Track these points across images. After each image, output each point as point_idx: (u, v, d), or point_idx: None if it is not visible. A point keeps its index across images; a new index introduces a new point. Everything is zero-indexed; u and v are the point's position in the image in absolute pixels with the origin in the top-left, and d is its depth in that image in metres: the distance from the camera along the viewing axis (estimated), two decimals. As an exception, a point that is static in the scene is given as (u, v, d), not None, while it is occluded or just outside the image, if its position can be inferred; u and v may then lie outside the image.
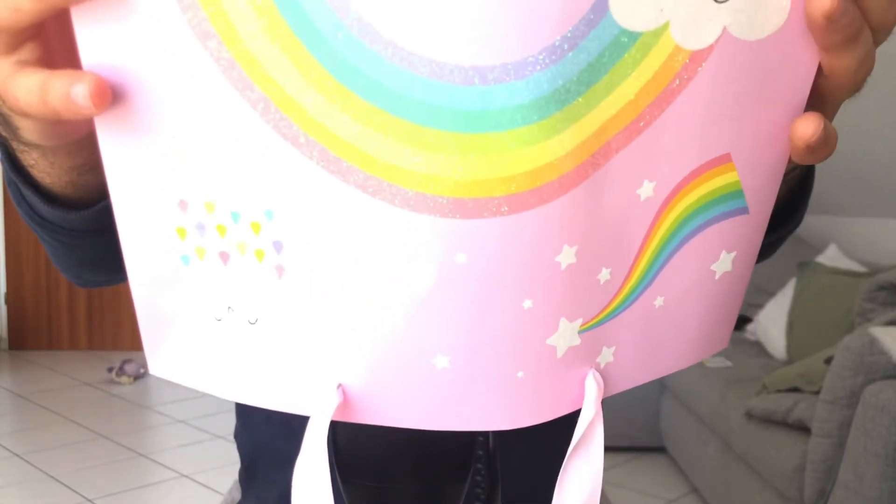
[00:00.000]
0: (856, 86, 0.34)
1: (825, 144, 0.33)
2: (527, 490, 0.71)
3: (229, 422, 3.48)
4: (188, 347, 0.33)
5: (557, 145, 0.28)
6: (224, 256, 0.31)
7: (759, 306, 3.15)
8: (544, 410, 0.33)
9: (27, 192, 0.45)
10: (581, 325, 0.32)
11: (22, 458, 3.12)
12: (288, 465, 0.75)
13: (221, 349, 0.33)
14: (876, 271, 2.62)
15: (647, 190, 0.31)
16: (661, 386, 3.05)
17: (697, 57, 0.29)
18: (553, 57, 0.26)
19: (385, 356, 0.31)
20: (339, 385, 0.32)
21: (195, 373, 0.33)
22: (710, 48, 0.29)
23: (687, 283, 0.35)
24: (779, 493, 2.09)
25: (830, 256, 3.06)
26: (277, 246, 0.30)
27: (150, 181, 0.30)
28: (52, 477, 2.94)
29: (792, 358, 2.71)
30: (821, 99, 0.35)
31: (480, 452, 0.45)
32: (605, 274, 0.32)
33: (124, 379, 4.19)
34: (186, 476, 2.95)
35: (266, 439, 0.71)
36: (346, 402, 0.32)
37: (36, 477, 2.94)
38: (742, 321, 3.29)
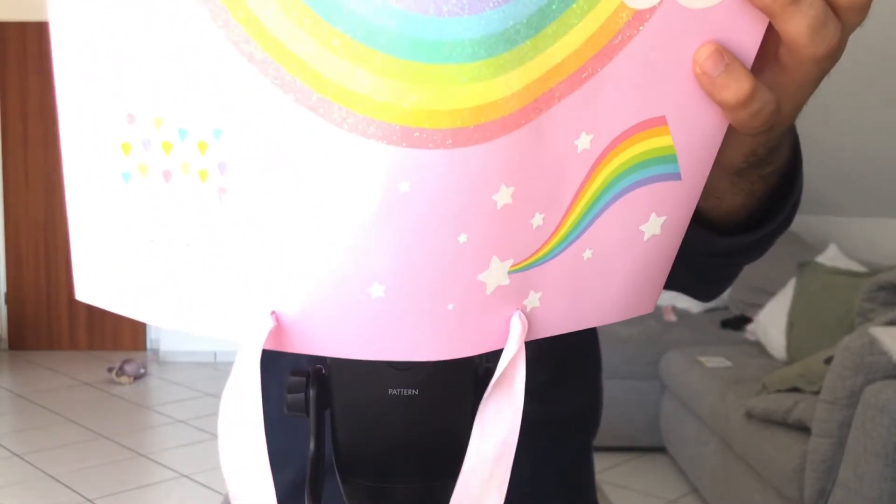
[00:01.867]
0: (815, 59, 0.33)
1: (748, 102, 0.33)
2: (523, 488, 0.71)
3: (229, 422, 3.48)
4: (119, 271, 0.33)
5: (503, 85, 0.29)
6: (166, 175, 0.31)
7: (759, 306, 3.15)
8: (470, 345, 0.34)
9: None
10: (511, 266, 0.33)
11: (22, 458, 3.12)
12: (287, 465, 0.76)
13: (154, 273, 0.32)
14: (876, 271, 2.63)
15: (584, 142, 0.32)
16: (661, 386, 3.06)
17: (640, 16, 0.30)
18: None
19: (321, 283, 0.31)
20: (273, 312, 0.32)
21: (124, 298, 0.33)
22: (653, 9, 0.30)
23: (615, 240, 0.35)
24: (779, 493, 2.09)
25: (830, 256, 3.06)
26: (222, 167, 0.30)
27: (100, 92, 0.30)
28: (52, 477, 2.94)
29: (792, 358, 2.71)
30: (784, 72, 0.35)
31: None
32: (538, 219, 0.33)
33: (124, 379, 4.19)
34: (186, 476, 2.95)
35: (268, 441, 0.71)
36: (279, 329, 0.32)
37: (36, 477, 2.94)
38: (742, 321, 3.30)
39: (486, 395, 0.34)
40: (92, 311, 4.94)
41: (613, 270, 0.36)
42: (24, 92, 4.87)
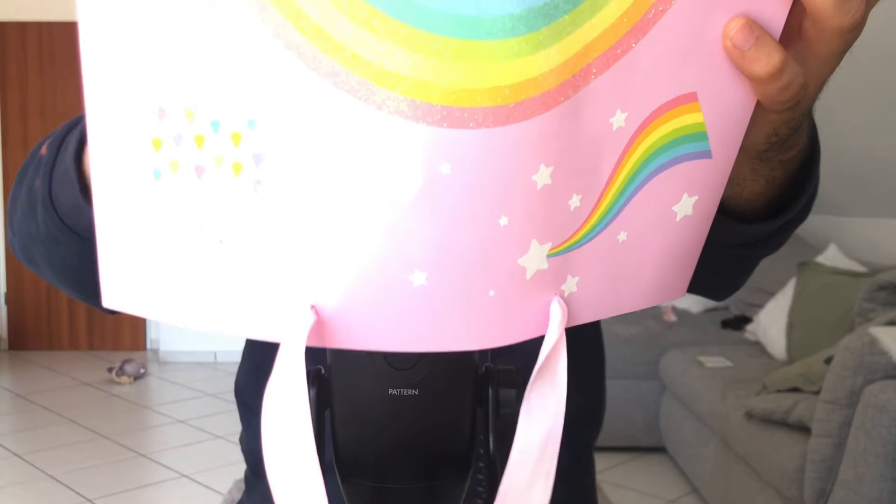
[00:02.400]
0: (840, 31, 0.33)
1: (779, 75, 0.33)
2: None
3: (229, 422, 3.48)
4: (149, 274, 0.32)
5: (543, 60, 0.28)
6: (199, 170, 0.30)
7: (759, 306, 3.15)
8: (510, 333, 0.33)
9: (73, 194, 0.45)
10: (550, 250, 0.33)
11: (22, 458, 3.12)
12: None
13: (186, 273, 0.31)
14: (876, 271, 2.62)
15: (619, 120, 0.32)
16: (661, 386, 3.06)
17: None
18: None
19: (362, 274, 0.30)
20: (313, 306, 0.31)
21: (154, 302, 0.32)
22: None
23: (649, 222, 0.35)
24: (779, 493, 2.09)
25: (830, 256, 3.06)
26: (257, 158, 0.29)
27: (129, 87, 0.29)
28: (52, 477, 2.94)
29: (792, 358, 2.71)
30: (808, 46, 0.35)
31: (481, 451, 0.45)
32: (575, 200, 0.32)
33: (124, 379, 4.19)
34: (186, 476, 2.95)
35: None
36: (319, 324, 0.31)
37: (36, 477, 2.94)
38: (742, 321, 3.30)
39: (530, 384, 0.33)
40: (92, 311, 4.93)
41: (647, 253, 0.36)
42: (24, 92, 4.87)
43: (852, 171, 3.16)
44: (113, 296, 0.33)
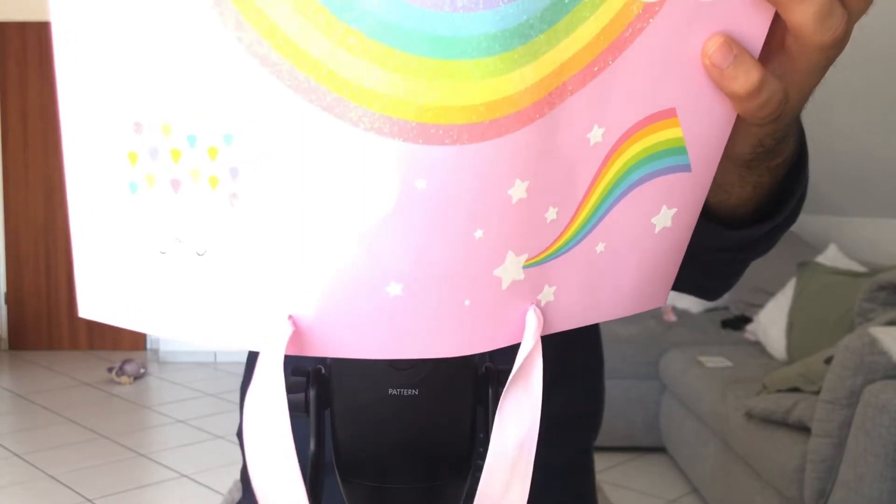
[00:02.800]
0: (822, 47, 0.34)
1: (757, 92, 0.33)
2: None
3: (229, 422, 3.48)
4: (126, 285, 0.32)
5: (518, 79, 0.29)
6: (175, 184, 0.30)
7: (759, 306, 3.15)
8: (487, 340, 0.34)
9: None
10: (526, 261, 0.33)
11: (22, 458, 3.12)
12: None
13: (165, 285, 0.32)
14: (876, 271, 2.63)
15: (596, 135, 0.32)
16: (661, 386, 3.06)
17: (649, 9, 0.30)
18: None
19: (339, 285, 0.31)
20: (291, 317, 0.32)
21: (131, 312, 0.33)
22: (662, 2, 0.31)
23: (627, 233, 0.36)
24: (779, 493, 2.09)
25: (830, 256, 3.06)
26: (234, 172, 0.29)
27: (105, 101, 0.29)
28: (52, 477, 2.94)
29: (792, 358, 2.71)
30: (791, 60, 0.35)
31: (481, 450, 0.45)
32: (552, 213, 0.33)
33: (124, 379, 4.19)
34: (186, 476, 2.95)
35: None
36: (297, 334, 0.32)
37: (36, 477, 2.94)
38: (742, 321, 3.30)
39: (505, 390, 0.34)
40: (92, 311, 4.94)
41: (626, 263, 0.37)
42: (24, 92, 4.87)
43: (852, 172, 3.16)
44: (89, 306, 0.33)
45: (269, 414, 0.31)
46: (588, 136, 0.32)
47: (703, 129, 0.35)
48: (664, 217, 0.36)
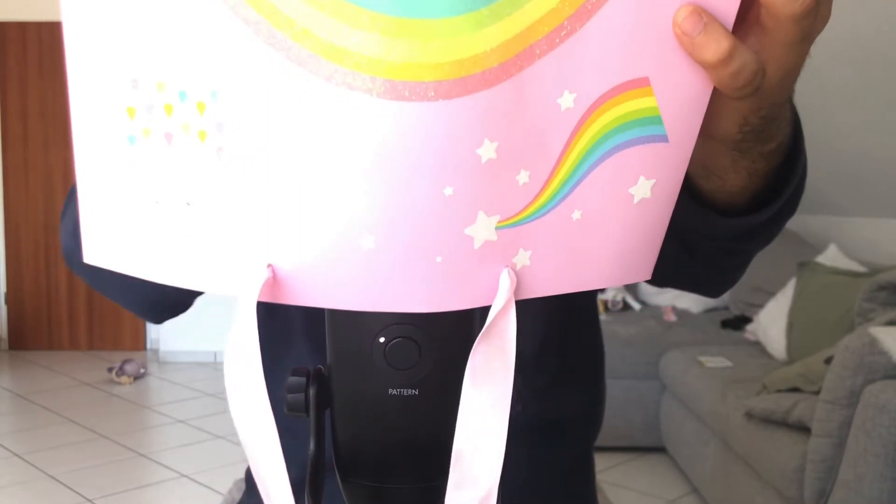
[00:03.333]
0: (793, 18, 0.34)
1: (728, 60, 0.34)
2: (524, 488, 0.71)
3: (229, 422, 3.48)
4: (125, 233, 0.35)
5: (483, 39, 0.30)
6: (168, 136, 0.32)
7: (759, 306, 3.15)
8: (460, 298, 0.35)
9: None
10: (498, 222, 0.34)
11: (22, 458, 3.12)
12: (292, 464, 0.76)
13: (158, 232, 0.34)
14: (876, 271, 2.63)
15: (567, 100, 0.33)
16: (661, 386, 3.06)
17: None
18: None
19: (315, 236, 0.33)
20: (269, 265, 0.34)
21: (129, 258, 0.35)
22: None
23: (605, 202, 0.36)
24: (779, 493, 2.09)
25: (830, 256, 3.06)
26: (219, 126, 0.32)
27: (107, 59, 0.31)
28: (52, 477, 2.94)
29: (792, 358, 2.71)
30: (766, 33, 0.35)
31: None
32: (523, 176, 0.34)
33: (124, 379, 4.19)
34: (186, 476, 2.95)
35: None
36: (275, 282, 0.34)
37: (36, 477, 2.94)
38: (742, 321, 3.30)
39: (475, 344, 0.34)
40: (92, 311, 4.94)
41: (605, 232, 0.37)
42: (24, 92, 4.87)
43: (852, 171, 3.16)
44: (93, 253, 0.35)
45: (244, 359, 0.33)
46: (559, 101, 0.33)
47: (678, 99, 0.35)
48: (643, 187, 0.37)
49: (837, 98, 2.83)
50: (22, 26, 4.83)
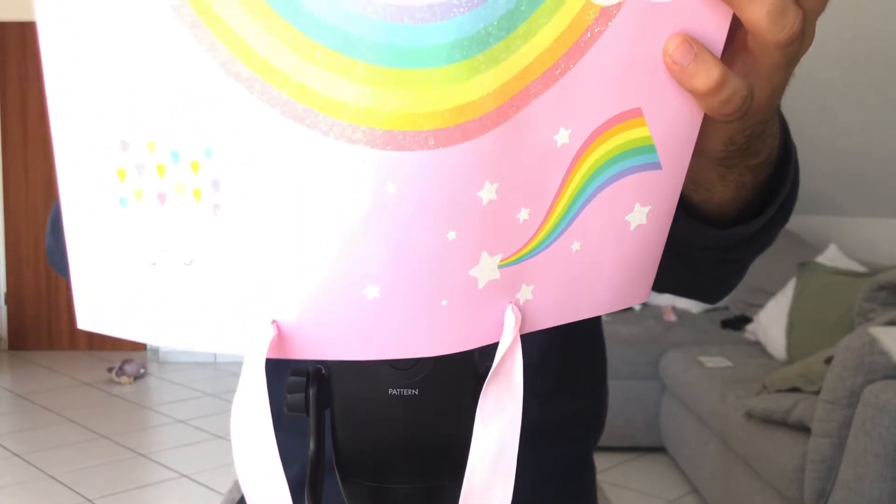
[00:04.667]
0: (779, 45, 0.34)
1: (719, 89, 0.34)
2: (525, 490, 0.71)
3: (229, 422, 3.49)
4: (120, 296, 0.34)
5: (479, 85, 0.30)
6: (162, 197, 0.32)
7: (759, 306, 3.15)
8: (467, 339, 0.35)
9: None
10: (501, 261, 0.34)
11: (22, 458, 3.12)
12: (293, 463, 0.76)
13: (155, 294, 0.34)
14: (876, 271, 2.63)
15: (562, 137, 0.33)
16: (661, 386, 3.06)
17: (606, 13, 0.31)
18: (475, 1, 0.29)
19: (318, 289, 0.33)
20: (273, 321, 0.33)
21: (126, 322, 0.34)
22: (619, 5, 0.32)
23: (603, 231, 0.37)
24: (779, 493, 2.09)
25: (830, 256, 3.06)
26: (215, 184, 0.31)
27: (93, 121, 0.31)
28: (52, 477, 2.94)
29: (792, 358, 2.71)
30: (753, 59, 0.36)
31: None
32: (524, 213, 0.34)
33: (124, 379, 4.19)
34: (186, 476, 2.95)
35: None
36: (280, 338, 0.34)
37: (36, 477, 2.94)
38: (742, 321, 3.30)
39: (485, 386, 0.34)
40: (92, 311, 4.94)
41: (603, 261, 0.37)
42: (24, 92, 4.87)
43: (852, 171, 3.16)
44: (86, 317, 0.34)
45: (253, 416, 0.33)
46: (555, 138, 0.33)
47: (671, 127, 0.35)
48: (638, 214, 0.37)
49: (837, 98, 2.83)
50: (22, 26, 4.83)
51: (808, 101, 2.79)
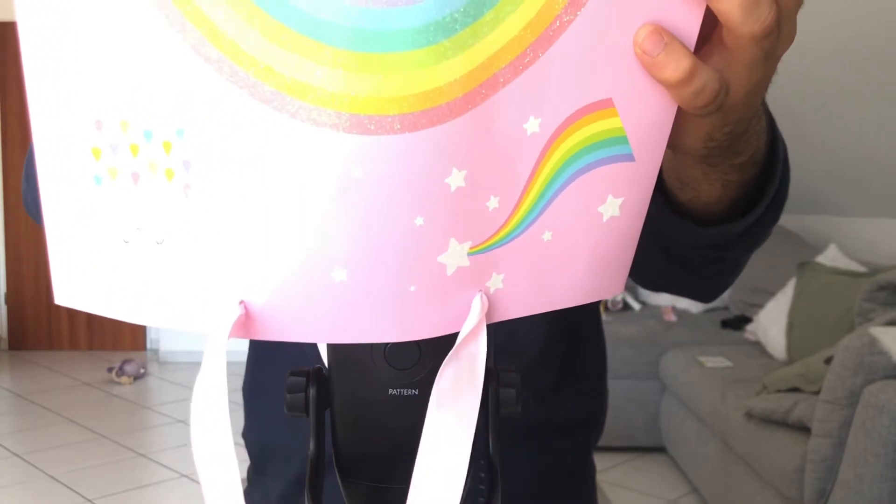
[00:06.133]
0: (753, 38, 0.34)
1: (689, 80, 0.34)
2: (525, 489, 0.71)
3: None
4: (95, 273, 0.34)
5: (446, 71, 0.30)
6: (135, 176, 0.32)
7: (759, 306, 3.15)
8: (434, 326, 0.35)
9: None
10: (470, 248, 0.34)
11: (22, 458, 3.12)
12: (293, 460, 0.76)
13: (128, 272, 0.34)
14: (876, 271, 2.63)
15: (533, 126, 0.33)
16: (661, 386, 3.06)
17: (576, 2, 0.31)
18: None
19: (286, 271, 0.33)
20: (242, 301, 0.34)
21: (101, 299, 0.35)
22: None
23: (574, 222, 0.36)
24: (779, 493, 2.09)
25: (830, 256, 3.06)
26: (186, 164, 0.31)
27: (68, 100, 0.31)
28: (52, 477, 2.94)
29: (792, 358, 2.71)
30: (729, 52, 0.36)
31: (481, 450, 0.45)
32: (493, 202, 0.34)
33: (124, 379, 4.19)
34: (186, 476, 2.95)
35: (273, 438, 0.72)
36: (248, 318, 0.34)
37: (36, 477, 2.94)
38: (742, 321, 3.30)
39: (442, 366, 0.34)
40: (92, 311, 4.94)
41: (576, 252, 0.37)
42: (24, 92, 4.86)
43: (851, 171, 3.16)
44: (64, 294, 0.35)
45: (211, 395, 0.33)
46: (524, 126, 0.33)
47: (643, 119, 0.35)
48: (611, 206, 0.37)
49: (836, 97, 2.83)
50: (22, 26, 4.83)
51: (807, 100, 2.79)
